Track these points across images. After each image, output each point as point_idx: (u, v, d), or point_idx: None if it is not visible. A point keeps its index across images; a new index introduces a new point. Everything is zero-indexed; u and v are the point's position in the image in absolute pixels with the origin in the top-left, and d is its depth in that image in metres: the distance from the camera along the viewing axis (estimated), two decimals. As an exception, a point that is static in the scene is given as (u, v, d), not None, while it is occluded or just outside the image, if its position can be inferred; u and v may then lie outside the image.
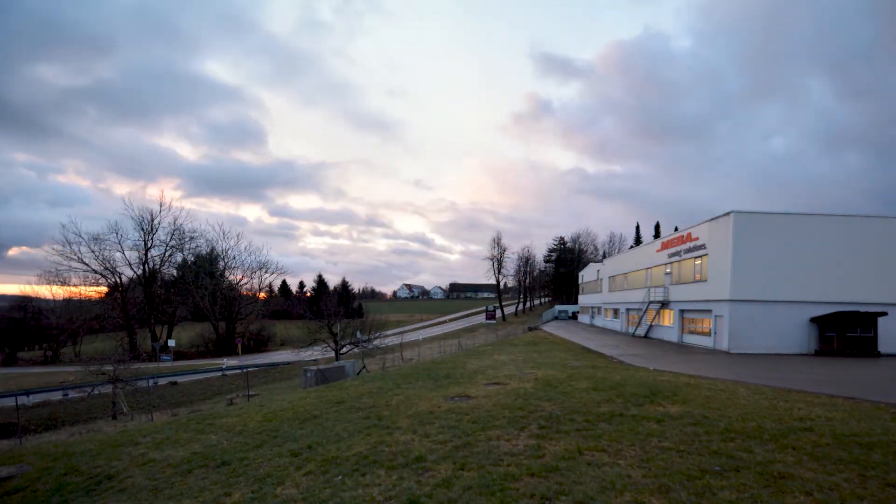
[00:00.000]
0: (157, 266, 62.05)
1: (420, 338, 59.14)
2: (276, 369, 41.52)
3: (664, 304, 32.74)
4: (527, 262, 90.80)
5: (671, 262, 32.40)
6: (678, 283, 31.14)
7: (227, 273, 67.41)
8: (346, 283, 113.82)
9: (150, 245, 58.62)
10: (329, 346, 35.01)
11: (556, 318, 69.61)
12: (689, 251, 29.48)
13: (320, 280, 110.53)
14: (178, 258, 66.13)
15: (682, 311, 30.45)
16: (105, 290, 61.23)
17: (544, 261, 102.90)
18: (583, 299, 63.01)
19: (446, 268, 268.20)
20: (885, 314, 23.17)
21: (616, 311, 45.25)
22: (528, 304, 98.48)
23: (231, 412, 12.62)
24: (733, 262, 24.40)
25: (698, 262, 28.31)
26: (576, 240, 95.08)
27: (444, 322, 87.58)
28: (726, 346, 24.36)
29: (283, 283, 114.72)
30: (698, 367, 17.92)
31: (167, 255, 62.05)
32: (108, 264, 57.13)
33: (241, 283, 66.98)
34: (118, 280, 58.77)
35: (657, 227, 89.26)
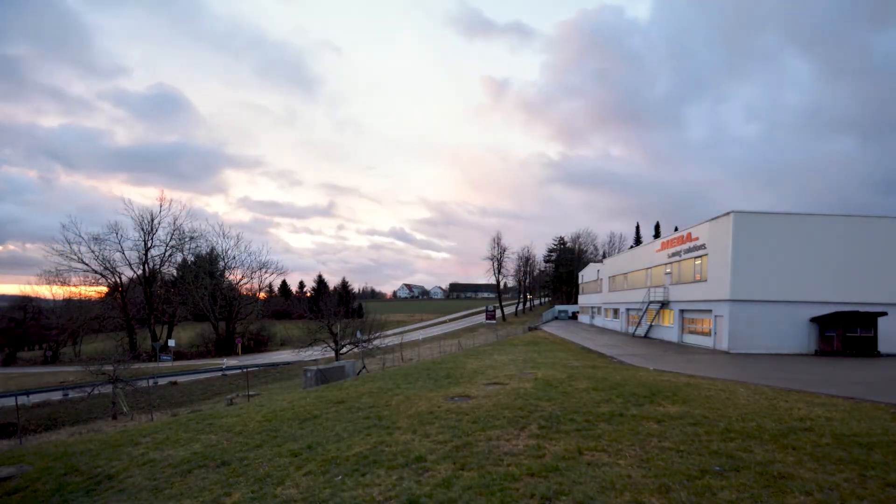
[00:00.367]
0: (157, 266, 62.12)
1: (420, 338, 59.14)
2: (276, 369, 41.51)
3: (664, 304, 32.74)
4: (527, 262, 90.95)
5: (671, 262, 32.40)
6: (678, 283, 31.14)
7: (226, 273, 67.49)
8: (346, 283, 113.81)
9: (150, 245, 58.75)
10: (329, 346, 35.02)
11: (556, 318, 69.60)
12: (689, 251, 29.48)
13: (320, 280, 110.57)
14: (178, 258, 66.31)
15: (682, 311, 30.45)
16: (105, 290, 61.33)
17: (544, 261, 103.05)
18: (583, 299, 63.01)
19: (434, 266, 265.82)
20: (885, 314, 23.17)
21: (616, 311, 45.24)
22: (528, 304, 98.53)
23: (231, 412, 12.63)
24: (733, 262, 24.40)
25: (698, 262, 28.31)
26: (576, 240, 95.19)
27: (444, 322, 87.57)
28: (726, 346, 24.36)
29: (283, 283, 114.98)
30: (698, 367, 17.91)
31: (167, 255, 62.17)
32: (108, 264, 57.27)
33: (241, 282, 67.10)
34: (118, 280, 58.85)
35: (657, 227, 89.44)
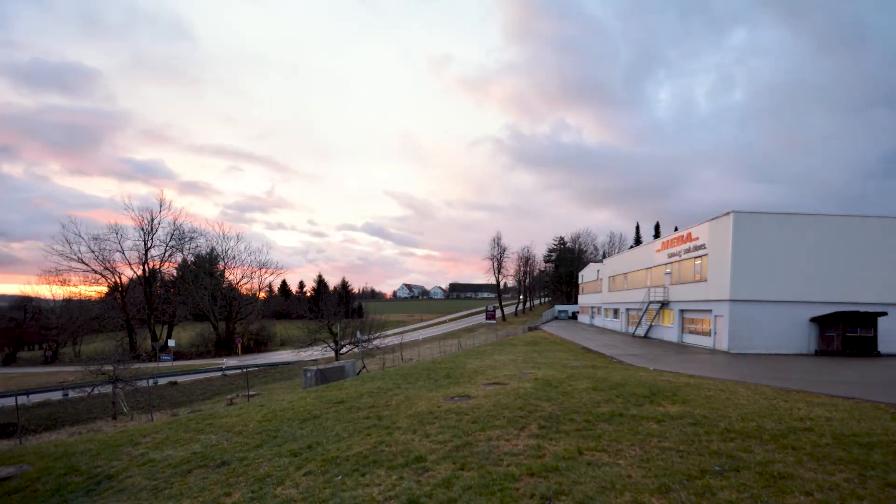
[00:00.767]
0: (157, 266, 62.19)
1: (420, 338, 59.15)
2: (276, 369, 41.51)
3: (664, 304, 32.74)
4: (527, 262, 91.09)
5: (671, 262, 32.40)
6: (678, 283, 31.13)
7: (227, 273, 67.52)
8: (345, 283, 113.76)
9: (150, 245, 58.84)
10: (329, 346, 35.05)
11: (555, 318, 69.60)
12: (689, 251, 29.48)
13: (320, 280, 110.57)
14: (178, 258, 66.36)
15: (681, 311, 30.45)
16: (105, 290, 61.38)
17: (544, 261, 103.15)
18: (583, 299, 63.00)
19: (421, 264, 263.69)
20: (885, 314, 23.17)
21: (616, 311, 45.24)
22: (528, 304, 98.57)
23: (231, 412, 12.63)
24: (733, 262, 24.40)
25: (698, 262, 28.30)
26: (576, 240, 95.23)
27: (444, 322, 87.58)
28: (726, 346, 24.36)
29: (283, 283, 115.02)
30: (698, 367, 17.91)
31: (167, 255, 62.25)
32: (108, 264, 57.32)
33: (241, 282, 67.14)
34: (118, 280, 58.90)
35: (657, 227, 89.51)
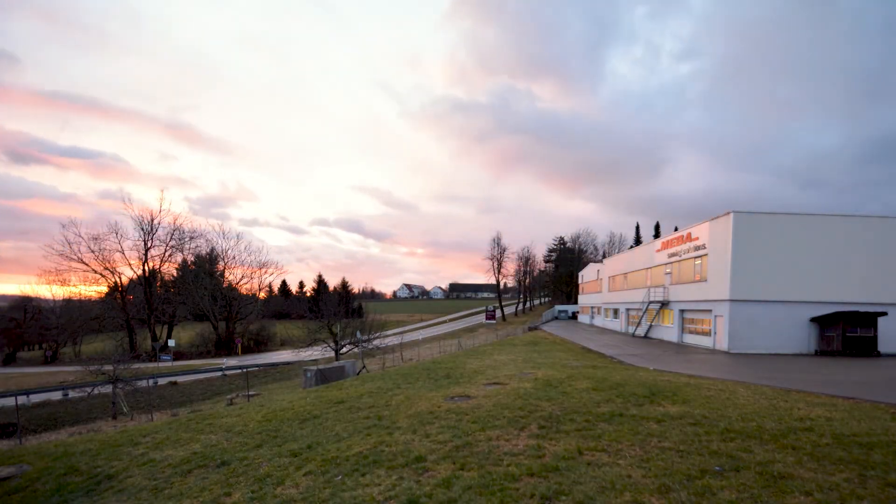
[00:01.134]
0: (157, 266, 62.18)
1: (420, 338, 59.14)
2: (276, 369, 41.50)
3: (664, 304, 32.74)
4: (527, 262, 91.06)
5: (671, 262, 32.39)
6: (678, 283, 31.13)
7: (226, 273, 67.53)
8: (345, 283, 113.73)
9: (149, 245, 58.79)
10: (329, 346, 35.04)
11: (555, 318, 69.60)
12: (689, 251, 29.48)
13: (320, 280, 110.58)
14: (178, 258, 66.36)
15: (681, 311, 30.45)
16: (105, 290, 61.38)
17: (544, 261, 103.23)
18: (583, 299, 63.00)
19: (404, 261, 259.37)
20: (885, 314, 23.17)
21: (616, 311, 45.24)
22: (528, 304, 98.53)
23: (231, 412, 12.63)
24: (733, 262, 24.40)
25: (698, 262, 28.30)
26: (576, 240, 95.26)
27: (444, 322, 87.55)
28: (726, 347, 24.35)
29: (283, 283, 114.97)
30: (698, 367, 17.91)
31: (167, 255, 62.21)
32: (108, 264, 57.31)
33: (241, 282, 67.12)
34: (118, 280, 58.89)
35: (657, 227, 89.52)
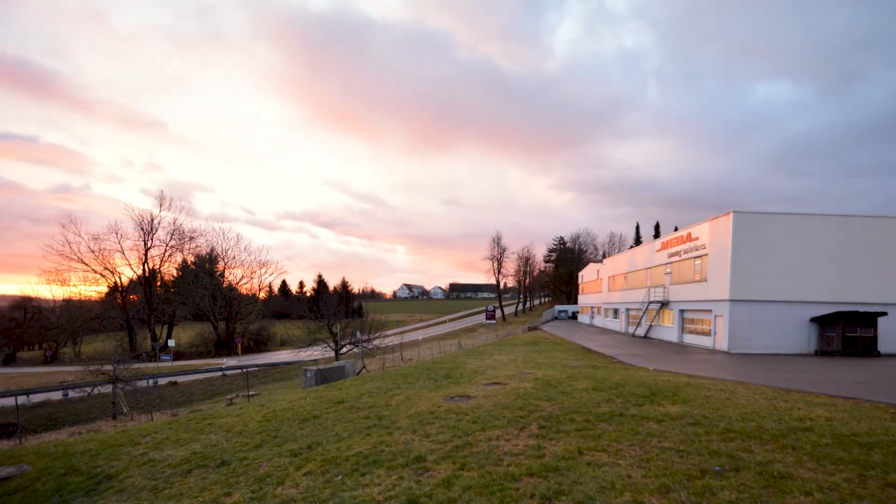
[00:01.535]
0: (157, 266, 62.17)
1: (420, 338, 59.14)
2: (276, 369, 41.52)
3: (664, 304, 32.74)
4: (527, 262, 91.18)
5: (671, 262, 32.39)
6: (678, 283, 31.13)
7: (226, 273, 67.54)
8: (345, 283, 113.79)
9: (149, 245, 58.78)
10: (329, 346, 35.01)
11: (555, 318, 69.59)
12: (688, 251, 29.48)
13: (320, 280, 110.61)
14: (178, 258, 66.36)
15: (681, 311, 30.45)
16: (105, 290, 61.39)
17: (544, 261, 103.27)
18: (583, 299, 63.00)
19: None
20: (885, 314, 23.17)
21: (616, 311, 45.23)
22: (528, 304, 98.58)
23: (231, 412, 12.63)
24: (733, 262, 24.40)
25: (698, 261, 28.30)
26: (575, 240, 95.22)
27: (444, 322, 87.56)
28: (726, 346, 24.35)
29: (283, 282, 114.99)
30: (698, 367, 17.91)
31: (167, 255, 62.21)
32: (108, 264, 57.31)
33: (241, 282, 67.12)
34: (118, 280, 58.90)
35: (657, 226, 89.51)
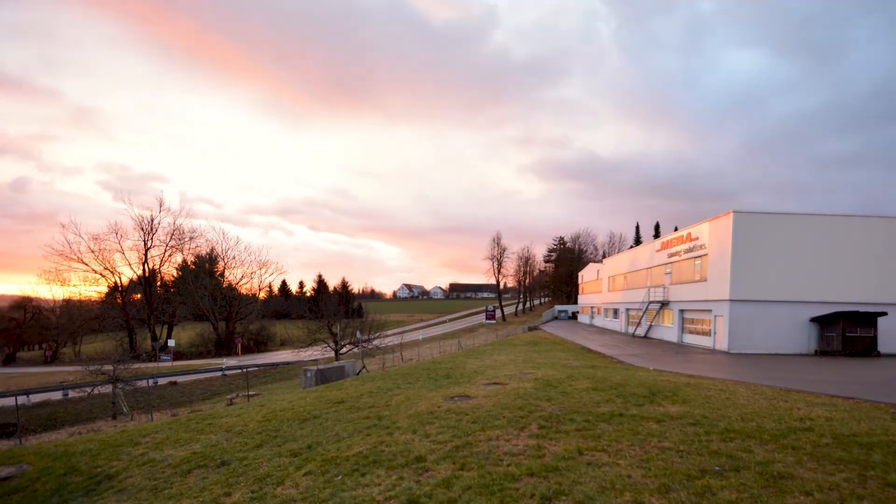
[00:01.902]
0: (157, 266, 62.17)
1: (420, 338, 59.13)
2: (276, 369, 41.51)
3: (664, 304, 32.73)
4: (527, 262, 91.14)
5: (671, 262, 32.39)
6: (678, 283, 31.13)
7: (226, 273, 67.53)
8: (345, 283, 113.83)
9: (149, 245, 58.78)
10: (329, 346, 35.00)
11: (555, 318, 69.57)
12: (688, 251, 29.48)
13: (320, 280, 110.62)
14: (178, 258, 66.36)
15: (681, 311, 30.45)
16: (105, 290, 61.38)
17: (544, 261, 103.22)
18: (583, 299, 63.01)
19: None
20: (885, 314, 23.17)
21: (616, 311, 45.24)
22: (528, 304, 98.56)
23: (231, 412, 12.62)
24: (733, 262, 24.39)
25: (698, 261, 28.30)
26: (576, 240, 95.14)
27: (444, 322, 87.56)
28: (726, 346, 24.35)
29: (283, 283, 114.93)
30: (698, 367, 17.92)
31: (167, 255, 62.20)
32: (108, 264, 57.30)
33: (241, 282, 67.12)
34: (118, 280, 58.89)
35: (657, 226, 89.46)
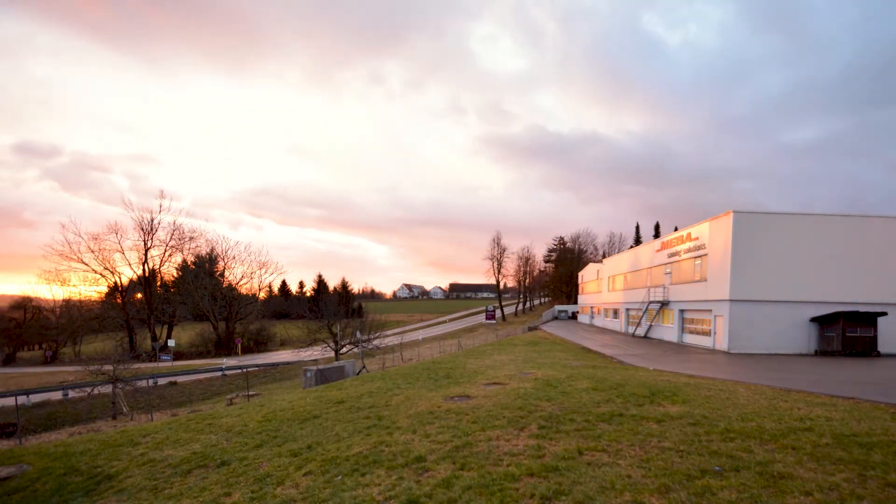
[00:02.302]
0: (157, 266, 62.18)
1: (420, 338, 59.14)
2: (276, 369, 41.51)
3: (664, 304, 32.73)
4: (527, 262, 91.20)
5: (671, 262, 32.39)
6: (678, 282, 31.12)
7: (226, 273, 67.53)
8: (345, 283, 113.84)
9: (149, 245, 58.79)
10: (329, 346, 35.02)
11: (555, 318, 69.55)
12: (688, 251, 29.47)
13: (320, 280, 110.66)
14: (178, 258, 66.36)
15: (681, 311, 30.44)
16: (105, 290, 61.37)
17: (544, 261, 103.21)
18: (583, 299, 63.00)
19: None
20: (885, 314, 23.17)
21: (616, 311, 45.23)
22: (528, 304, 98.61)
23: (231, 412, 12.62)
24: (733, 262, 24.39)
25: (698, 261, 28.29)
26: (575, 240, 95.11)
27: (444, 322, 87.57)
28: (726, 346, 24.35)
29: (283, 283, 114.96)
30: (698, 367, 17.91)
31: (167, 255, 62.21)
32: (108, 264, 57.31)
33: (241, 282, 67.11)
34: (118, 280, 58.89)
35: (657, 226, 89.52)
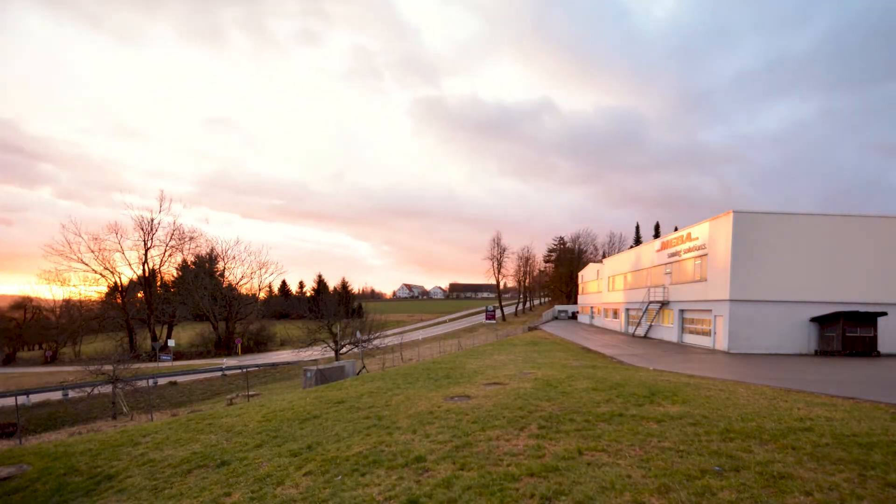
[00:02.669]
0: (157, 266, 62.16)
1: (420, 338, 59.14)
2: (276, 369, 41.51)
3: (664, 304, 32.73)
4: (527, 262, 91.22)
5: (671, 262, 32.38)
6: (678, 282, 31.12)
7: (226, 273, 67.52)
8: (345, 283, 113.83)
9: (149, 245, 58.78)
10: (329, 346, 35.01)
11: (555, 318, 69.54)
12: (688, 251, 29.47)
13: (320, 280, 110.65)
14: (178, 258, 66.36)
15: (681, 311, 30.44)
16: (105, 290, 61.37)
17: (544, 261, 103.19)
18: (583, 299, 63.00)
19: None
20: (885, 314, 23.16)
21: (616, 311, 45.24)
22: (528, 304, 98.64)
23: (231, 412, 12.62)
24: (733, 262, 24.39)
25: (698, 261, 28.29)
26: (575, 240, 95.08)
27: (444, 322, 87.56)
28: (726, 346, 24.35)
29: (283, 283, 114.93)
30: (698, 367, 17.91)
31: (167, 255, 62.20)
32: (107, 264, 57.30)
33: (241, 282, 67.10)
34: (118, 280, 58.88)
35: (657, 226, 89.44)
